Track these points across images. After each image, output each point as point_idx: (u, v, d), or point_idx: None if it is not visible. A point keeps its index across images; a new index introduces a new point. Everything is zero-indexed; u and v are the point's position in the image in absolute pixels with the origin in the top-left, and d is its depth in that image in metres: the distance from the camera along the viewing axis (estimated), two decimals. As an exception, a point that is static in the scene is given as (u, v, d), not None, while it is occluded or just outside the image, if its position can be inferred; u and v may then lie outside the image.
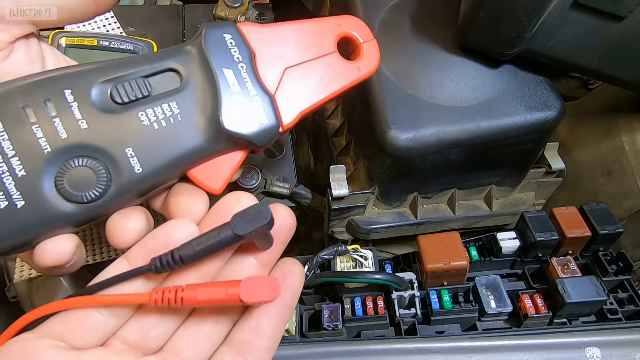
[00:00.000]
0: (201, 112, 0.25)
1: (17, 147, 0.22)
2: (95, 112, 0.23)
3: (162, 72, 0.26)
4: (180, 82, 0.25)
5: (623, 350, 0.36)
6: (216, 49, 0.26)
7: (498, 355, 0.37)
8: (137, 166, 0.24)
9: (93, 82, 0.24)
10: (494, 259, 0.43)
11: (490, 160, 0.46)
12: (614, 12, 0.36)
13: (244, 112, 0.25)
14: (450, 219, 0.51)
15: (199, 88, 0.25)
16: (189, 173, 0.26)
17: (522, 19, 0.38)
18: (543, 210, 0.43)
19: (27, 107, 0.22)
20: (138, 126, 0.24)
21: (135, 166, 0.24)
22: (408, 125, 0.41)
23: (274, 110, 0.26)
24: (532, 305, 0.39)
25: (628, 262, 0.41)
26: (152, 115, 0.24)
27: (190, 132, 0.25)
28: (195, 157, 0.26)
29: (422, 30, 0.46)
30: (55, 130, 0.22)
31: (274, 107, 0.26)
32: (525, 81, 0.44)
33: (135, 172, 0.24)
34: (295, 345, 0.39)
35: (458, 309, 0.40)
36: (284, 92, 0.27)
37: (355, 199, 0.48)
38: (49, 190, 0.22)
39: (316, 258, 0.40)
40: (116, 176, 0.24)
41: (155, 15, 0.64)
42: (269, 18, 0.66)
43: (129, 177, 0.24)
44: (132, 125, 0.24)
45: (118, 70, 0.24)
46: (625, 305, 0.41)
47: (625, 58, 0.40)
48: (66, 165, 0.23)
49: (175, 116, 0.25)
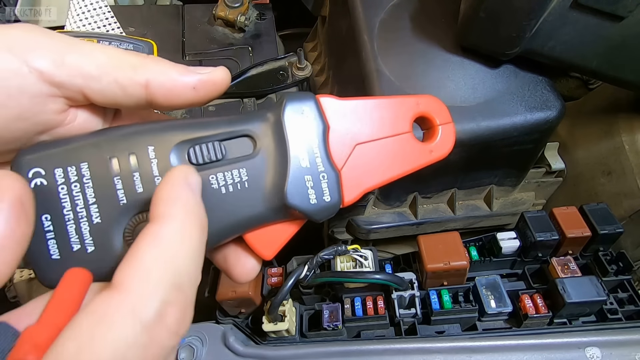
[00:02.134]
0: (268, 182, 0.26)
1: (98, 195, 0.23)
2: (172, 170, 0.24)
3: (238, 137, 0.26)
4: (253, 149, 0.26)
5: (623, 350, 0.36)
6: (293, 121, 0.26)
7: (498, 355, 0.37)
8: None
9: (174, 141, 0.24)
10: (494, 259, 0.43)
11: (490, 160, 0.46)
12: (614, 12, 0.36)
13: (309, 188, 0.26)
14: (450, 219, 0.51)
15: (270, 158, 0.26)
16: (244, 236, 0.27)
17: (522, 19, 0.38)
18: (543, 210, 0.43)
19: (113, 158, 0.23)
20: (207, 188, 0.25)
21: None
22: (408, 125, 0.41)
23: (338, 187, 0.26)
24: (532, 305, 0.39)
25: (628, 262, 0.41)
26: (221, 180, 0.25)
27: (254, 200, 0.25)
28: (255, 223, 0.26)
29: (422, 30, 0.46)
30: (134, 184, 0.23)
31: (339, 184, 0.26)
32: (525, 81, 0.44)
33: None
34: (295, 345, 0.39)
35: (458, 309, 0.40)
36: (351, 168, 0.27)
37: (355, 199, 0.48)
38: (117, 241, 0.23)
39: (316, 258, 0.40)
40: None
41: (155, 15, 0.64)
42: (268, 18, 0.66)
43: None
44: (202, 187, 0.24)
45: (198, 130, 0.25)
46: (625, 305, 0.41)
47: (625, 58, 0.40)
48: (136, 217, 0.24)
49: (243, 183, 0.25)
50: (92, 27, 0.57)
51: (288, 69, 0.60)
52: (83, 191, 0.23)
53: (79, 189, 0.23)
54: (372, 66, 0.45)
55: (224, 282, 0.41)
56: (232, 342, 0.39)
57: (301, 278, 0.40)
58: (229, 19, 0.62)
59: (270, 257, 0.27)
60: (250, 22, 0.64)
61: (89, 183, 0.23)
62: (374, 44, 0.46)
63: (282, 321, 0.39)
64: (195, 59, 0.60)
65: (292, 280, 0.39)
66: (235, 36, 0.64)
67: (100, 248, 0.23)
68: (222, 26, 0.64)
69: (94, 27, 0.57)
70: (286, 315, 0.40)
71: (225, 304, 0.41)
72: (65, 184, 0.23)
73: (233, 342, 0.39)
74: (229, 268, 0.28)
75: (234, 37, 0.64)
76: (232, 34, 0.64)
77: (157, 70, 0.24)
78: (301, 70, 0.59)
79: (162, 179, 0.22)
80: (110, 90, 0.23)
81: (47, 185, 0.23)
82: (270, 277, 0.44)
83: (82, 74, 0.22)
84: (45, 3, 0.65)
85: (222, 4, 0.62)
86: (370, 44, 0.46)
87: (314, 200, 0.26)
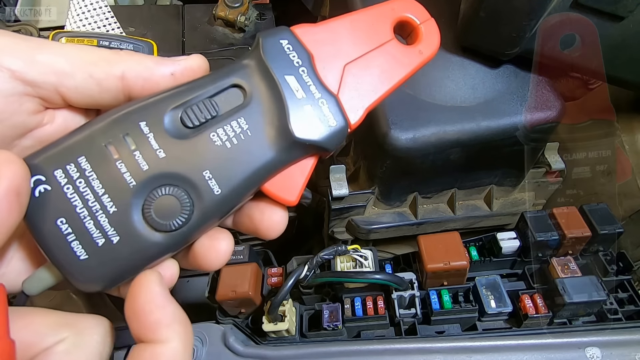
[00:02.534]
0: (270, 124, 0.25)
1: (105, 185, 0.23)
2: (170, 139, 0.24)
3: (225, 89, 0.25)
4: (244, 97, 0.26)
5: (623, 350, 0.36)
6: (275, 57, 0.25)
7: (498, 355, 0.37)
8: (216, 188, 0.24)
9: (164, 110, 0.24)
10: (494, 259, 0.43)
11: (490, 160, 0.46)
12: (614, 12, 0.36)
13: (312, 118, 0.25)
14: (450, 219, 0.51)
15: (264, 99, 0.25)
16: (263, 188, 0.26)
17: (522, 19, 0.38)
18: (543, 210, 0.43)
19: (109, 144, 0.23)
20: (211, 147, 0.24)
21: (215, 188, 0.24)
22: (408, 125, 0.41)
23: (341, 110, 0.26)
24: (532, 305, 0.39)
25: (628, 262, 0.41)
26: (223, 135, 0.24)
27: (261, 146, 0.25)
28: (269, 170, 0.26)
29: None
30: (137, 163, 0.23)
31: (340, 108, 0.26)
32: (525, 81, 0.44)
33: (215, 194, 0.24)
34: (295, 345, 0.39)
35: (458, 309, 0.40)
36: (347, 90, 0.26)
37: (355, 199, 0.48)
38: (139, 223, 0.23)
39: (316, 258, 0.40)
40: (198, 200, 0.24)
41: (155, 15, 0.64)
42: (269, 18, 0.66)
43: (210, 199, 0.24)
44: (205, 148, 0.24)
45: (185, 95, 0.25)
46: (625, 305, 0.41)
47: (625, 58, 0.40)
48: (151, 196, 0.23)
49: (245, 132, 0.25)
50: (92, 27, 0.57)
51: (288, 69, 0.60)
52: (89, 185, 0.23)
53: (84, 184, 0.22)
54: (372, 66, 0.45)
55: (224, 282, 0.41)
56: (232, 342, 0.39)
57: (301, 278, 0.40)
58: (229, 19, 0.62)
59: (295, 201, 0.27)
60: (250, 22, 0.64)
61: (93, 175, 0.23)
62: (374, 44, 0.46)
63: (282, 321, 0.39)
64: (195, 59, 0.60)
65: (292, 280, 0.39)
66: (235, 36, 0.64)
67: (125, 236, 0.23)
68: (222, 26, 0.64)
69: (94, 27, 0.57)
70: (286, 315, 0.40)
71: (225, 304, 0.41)
72: (69, 182, 0.22)
73: (233, 342, 0.39)
74: (256, 226, 0.27)
75: (234, 37, 0.64)
76: (232, 34, 0.64)
77: (132, 61, 0.24)
78: (301, 70, 0.59)
79: (136, 296, 0.22)
80: (86, 86, 0.23)
81: (52, 190, 0.22)
82: (270, 277, 0.44)
83: (54, 71, 0.22)
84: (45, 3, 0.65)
85: (222, 4, 0.62)
86: (370, 44, 0.46)
87: (320, 129, 0.25)
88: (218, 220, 0.26)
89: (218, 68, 0.26)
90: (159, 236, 0.23)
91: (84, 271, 0.22)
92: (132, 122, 0.23)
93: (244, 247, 0.44)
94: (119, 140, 0.23)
